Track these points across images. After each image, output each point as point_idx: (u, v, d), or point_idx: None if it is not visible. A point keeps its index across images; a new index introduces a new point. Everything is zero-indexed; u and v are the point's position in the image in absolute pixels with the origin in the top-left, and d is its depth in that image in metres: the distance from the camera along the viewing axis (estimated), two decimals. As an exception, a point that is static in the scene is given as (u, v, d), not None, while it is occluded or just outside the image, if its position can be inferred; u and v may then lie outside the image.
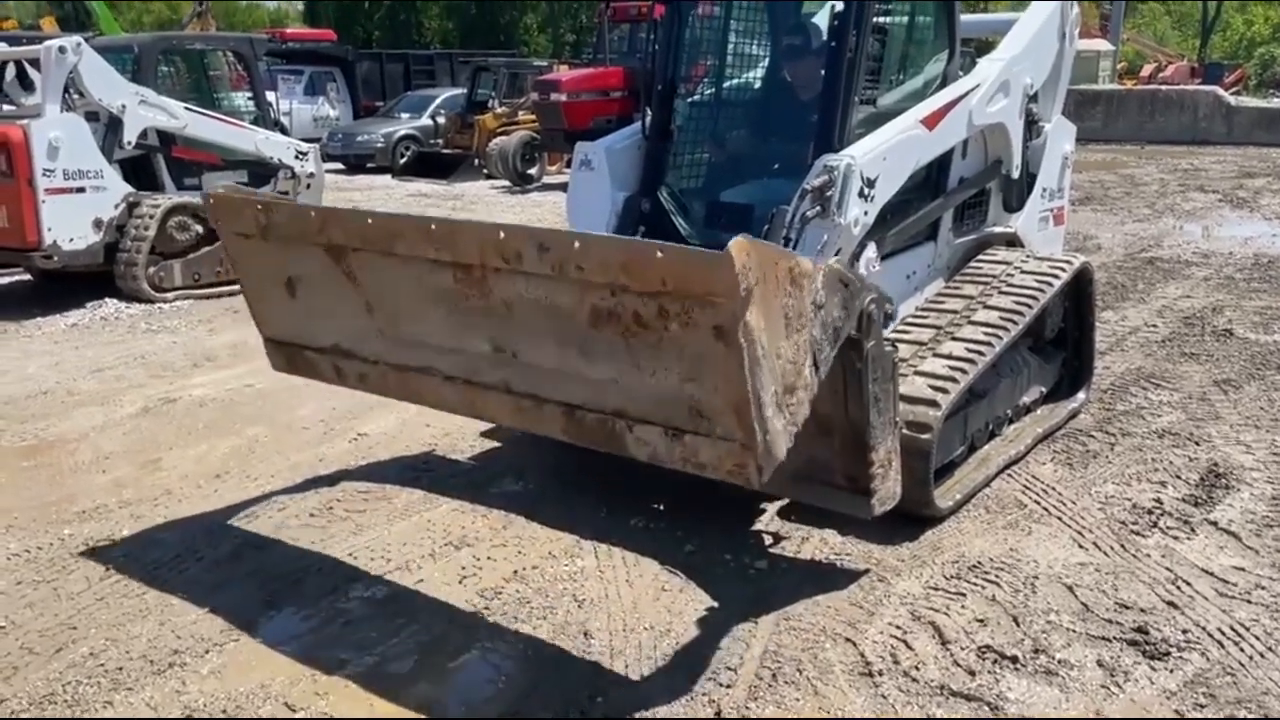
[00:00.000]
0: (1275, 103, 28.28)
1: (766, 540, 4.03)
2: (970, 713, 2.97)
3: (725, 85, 5.10)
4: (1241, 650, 3.23)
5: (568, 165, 9.67)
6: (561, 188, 9.02)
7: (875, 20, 4.42)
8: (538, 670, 3.19)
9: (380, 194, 16.26)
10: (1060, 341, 5.33)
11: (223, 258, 8.77)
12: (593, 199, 4.80)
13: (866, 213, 4.04)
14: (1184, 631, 3.33)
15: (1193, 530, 4.06)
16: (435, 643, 3.35)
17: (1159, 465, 4.70)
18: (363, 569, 3.82)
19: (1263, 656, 3.20)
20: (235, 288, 8.43)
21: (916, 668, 3.17)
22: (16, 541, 4.11)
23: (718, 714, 2.97)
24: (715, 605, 3.54)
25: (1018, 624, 3.39)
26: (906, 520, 3.95)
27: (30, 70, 8.70)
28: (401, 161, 18.98)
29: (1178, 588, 3.61)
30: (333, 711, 3.01)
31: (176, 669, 3.21)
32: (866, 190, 4.00)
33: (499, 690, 3.10)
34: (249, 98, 10.22)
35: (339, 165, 19.42)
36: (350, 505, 4.39)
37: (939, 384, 4.01)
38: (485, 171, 17.25)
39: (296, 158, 9.70)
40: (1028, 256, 5.15)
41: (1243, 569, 3.75)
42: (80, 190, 8.10)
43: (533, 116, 16.80)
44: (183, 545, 4.04)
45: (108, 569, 3.86)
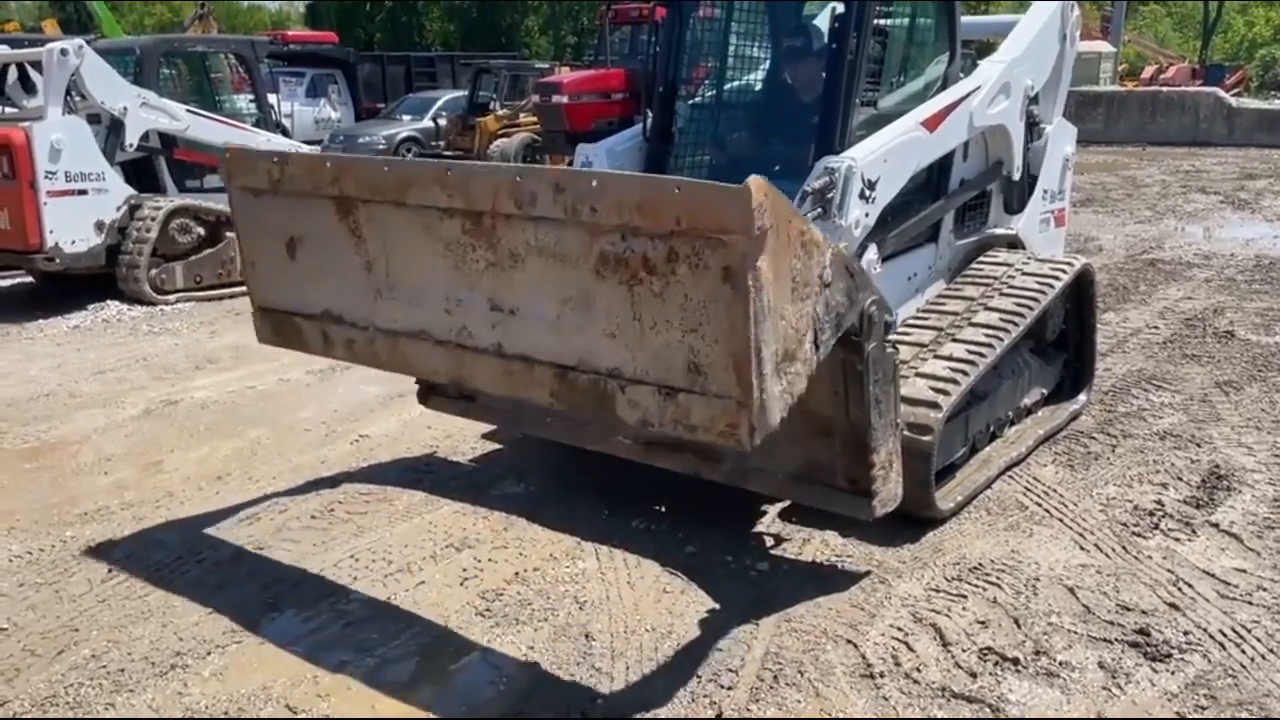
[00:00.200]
0: (1276, 104, 28.26)
1: (768, 542, 4.03)
2: (971, 714, 2.97)
3: (726, 87, 5.11)
4: (1243, 652, 3.23)
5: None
6: (563, 190, 9.06)
7: (876, 22, 4.43)
8: (539, 672, 3.19)
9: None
10: (1061, 343, 5.33)
11: (224, 260, 8.83)
12: None
13: (867, 214, 4.04)
14: (1185, 633, 3.33)
15: (1194, 532, 4.06)
16: (436, 644, 3.35)
17: (1160, 467, 4.70)
18: (364, 571, 3.83)
19: (1264, 658, 3.20)
20: (237, 290, 8.51)
21: (918, 669, 3.17)
22: (18, 543, 4.12)
23: (719, 715, 2.97)
24: (716, 607, 3.55)
25: (1019, 626, 3.39)
26: (908, 522, 3.95)
27: (32, 73, 8.72)
28: (402, 163, 18.98)
29: (1179, 589, 3.61)
30: (334, 713, 3.02)
31: (178, 671, 3.22)
32: (867, 192, 4.01)
33: (500, 692, 3.10)
34: (251, 100, 10.24)
35: (340, 167, 19.43)
36: (352, 507, 4.40)
37: (940, 386, 4.01)
38: (487, 173, 17.26)
39: (298, 160, 9.69)
40: (1029, 258, 5.15)
41: (1244, 571, 3.75)
42: (82, 192, 8.12)
43: (534, 119, 16.83)
44: (184, 547, 4.05)
45: (109, 571, 3.86)
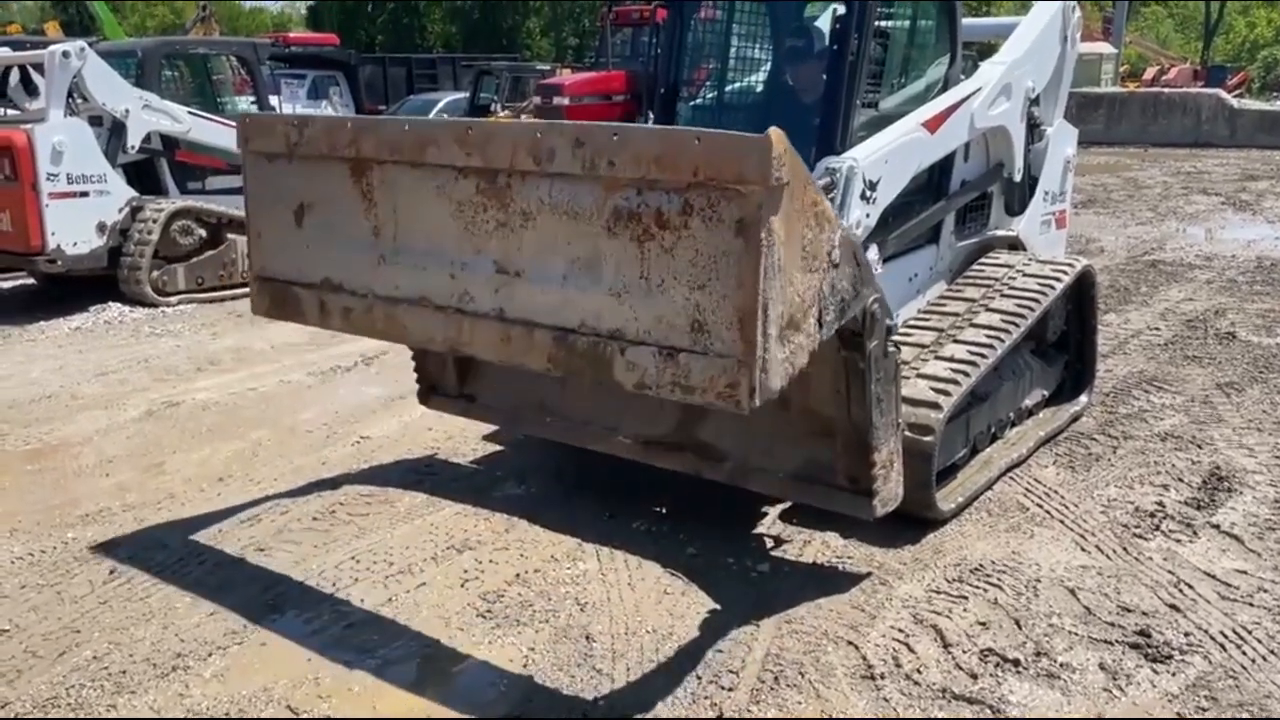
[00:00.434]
0: (1278, 105, 28.26)
1: (768, 543, 4.03)
2: (972, 715, 2.97)
3: (727, 88, 5.11)
4: (1244, 653, 3.23)
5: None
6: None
7: (877, 23, 4.43)
8: (540, 673, 3.19)
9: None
10: (1062, 344, 5.33)
11: (226, 262, 8.84)
12: None
13: (868, 215, 4.04)
14: (1186, 635, 3.33)
15: (1195, 533, 4.06)
16: (437, 646, 3.36)
17: (1161, 468, 4.70)
18: (365, 572, 3.83)
19: (1265, 659, 3.20)
20: (238, 291, 8.52)
21: (918, 670, 3.17)
22: (20, 545, 4.12)
23: (720, 716, 2.97)
24: (717, 608, 3.55)
25: (1020, 627, 3.39)
26: (908, 523, 3.96)
27: (34, 75, 8.74)
28: (404, 165, 18.97)
29: (1180, 591, 3.61)
30: (335, 714, 3.02)
31: (179, 672, 3.22)
32: (868, 193, 4.01)
33: (501, 693, 3.11)
34: (252, 102, 10.24)
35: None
36: (353, 509, 4.40)
37: (941, 387, 4.01)
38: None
39: (299, 161, 9.70)
40: (1030, 259, 5.15)
41: (1245, 572, 3.75)
42: (84, 194, 8.12)
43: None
44: (186, 548, 4.05)
45: (111, 572, 3.87)
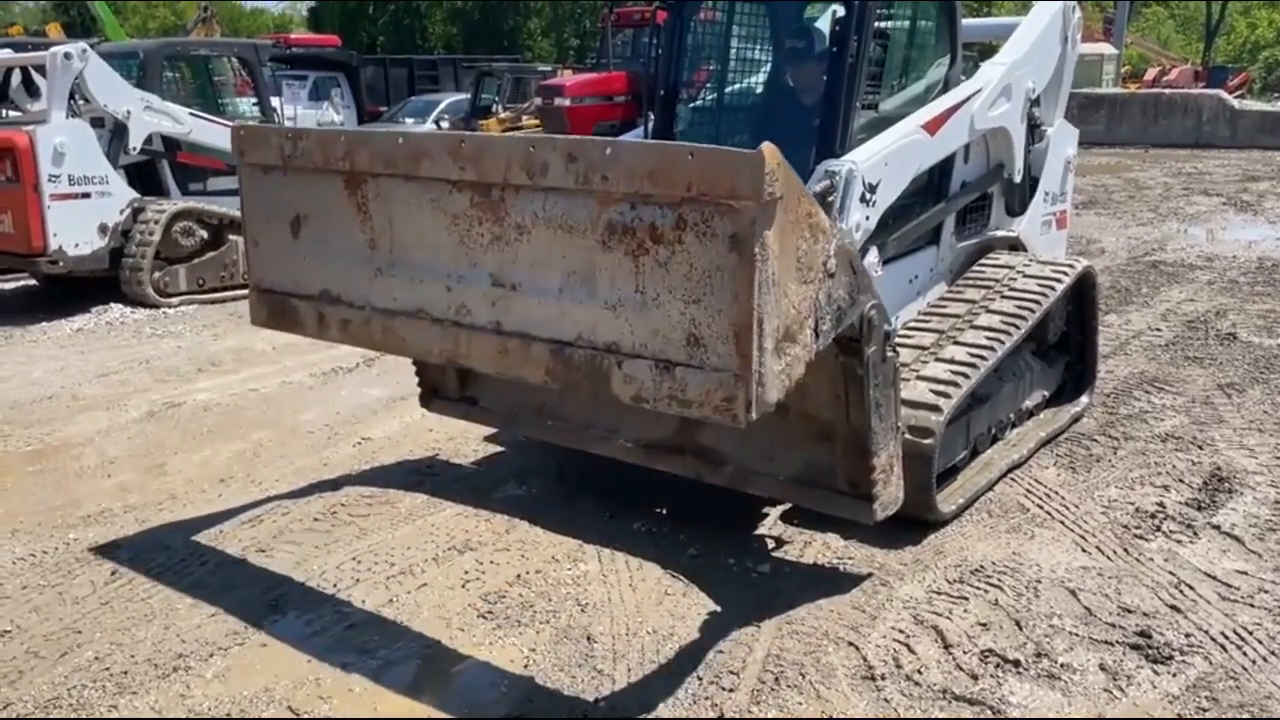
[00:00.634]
0: (1279, 106, 28.24)
1: (769, 544, 4.04)
2: (973, 716, 2.97)
3: (727, 90, 5.12)
4: (1244, 654, 3.23)
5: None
6: (565, 192, 9.13)
7: (877, 25, 4.44)
8: (540, 674, 3.20)
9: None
10: (1063, 345, 5.33)
11: (227, 263, 8.85)
12: None
13: (868, 217, 4.05)
14: (1187, 635, 3.33)
15: (1196, 534, 4.06)
16: (438, 646, 3.36)
17: (1162, 469, 4.70)
18: (366, 573, 3.84)
19: (1265, 660, 3.20)
20: (239, 292, 8.52)
21: (919, 671, 3.17)
22: (22, 546, 4.13)
23: (721, 717, 2.97)
24: (718, 609, 3.55)
25: (1020, 628, 3.40)
26: (909, 524, 3.96)
27: (36, 76, 8.76)
28: (405, 166, 18.97)
29: (1180, 592, 3.61)
30: (336, 714, 3.02)
31: (181, 673, 3.22)
32: (868, 195, 4.01)
33: (502, 694, 3.11)
34: (254, 103, 10.26)
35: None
36: (354, 510, 4.41)
37: (941, 389, 4.01)
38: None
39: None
40: (1030, 260, 5.15)
41: (1246, 573, 3.75)
42: (85, 196, 8.14)
43: (536, 121, 16.85)
44: (187, 549, 4.06)
45: (113, 573, 3.87)
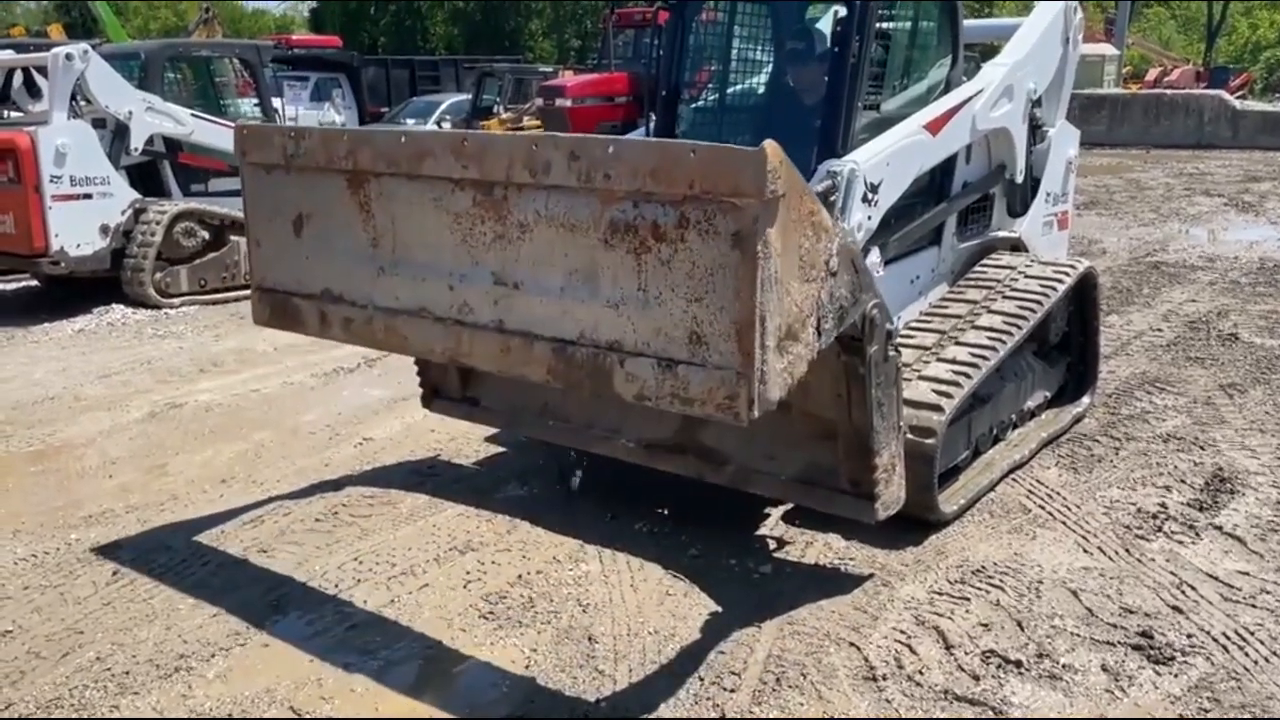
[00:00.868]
0: (1280, 106, 28.22)
1: (770, 545, 4.04)
2: (974, 717, 2.97)
3: (729, 90, 5.12)
4: (1246, 655, 3.23)
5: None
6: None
7: (878, 25, 4.43)
8: (541, 674, 3.20)
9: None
10: (1065, 346, 5.33)
11: (228, 264, 8.85)
12: None
13: (870, 218, 4.05)
14: (1188, 636, 3.33)
15: (1197, 535, 4.05)
16: (439, 647, 3.36)
17: (1164, 470, 4.70)
18: (368, 573, 3.84)
19: (1267, 661, 3.20)
20: (241, 293, 8.53)
21: (920, 672, 3.17)
22: (24, 546, 4.13)
23: (722, 717, 2.97)
24: (719, 609, 3.55)
25: (1022, 628, 3.40)
26: (910, 525, 3.95)
27: (38, 77, 8.76)
28: (407, 167, 18.98)
29: (1182, 592, 3.61)
30: (338, 715, 3.02)
31: (182, 673, 3.22)
32: (870, 195, 4.01)
33: (503, 694, 3.11)
34: (255, 104, 10.27)
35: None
36: (355, 510, 4.41)
37: (943, 389, 4.01)
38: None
39: (302, 163, 9.72)
40: (1032, 261, 5.15)
41: (1247, 573, 3.74)
42: (87, 196, 8.14)
43: (538, 122, 16.83)
44: (189, 550, 4.06)
45: (114, 573, 3.87)
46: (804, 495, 3.74)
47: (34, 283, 9.36)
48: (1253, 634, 3.34)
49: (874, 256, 4.19)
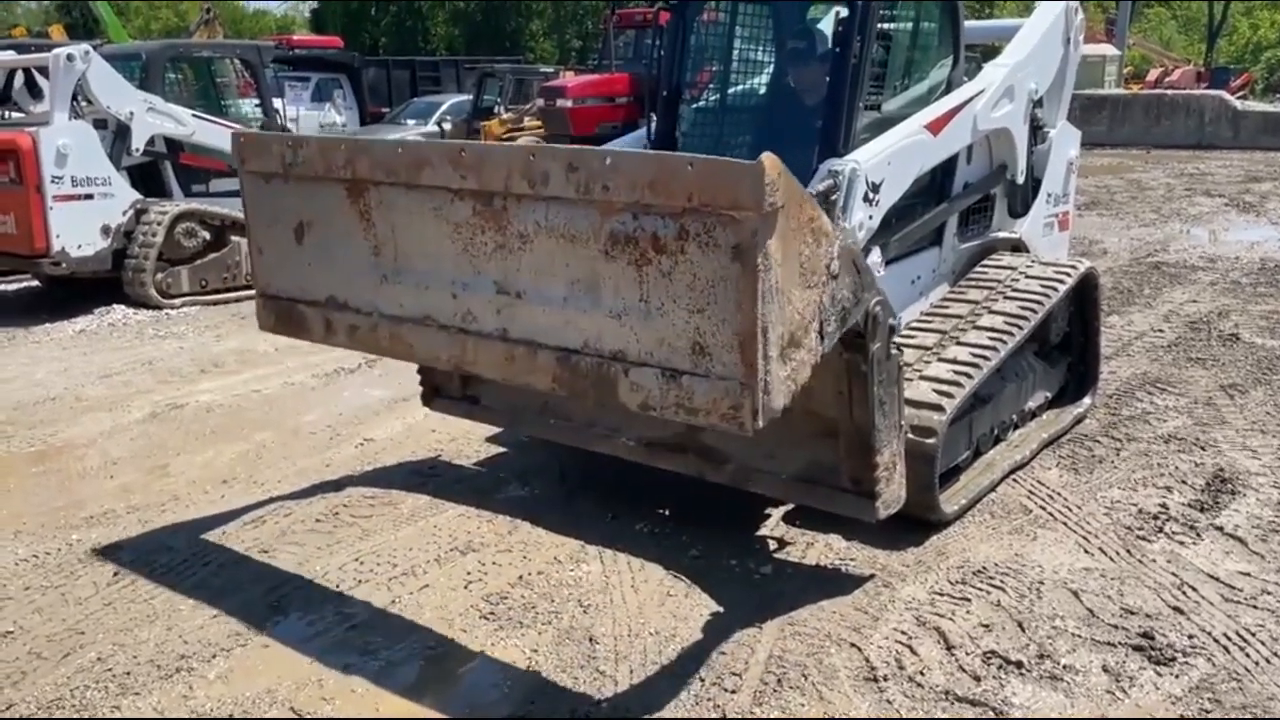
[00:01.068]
0: (1282, 107, 28.20)
1: (771, 545, 4.03)
2: (975, 717, 2.97)
3: (730, 90, 5.12)
4: (1247, 656, 3.23)
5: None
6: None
7: (880, 25, 4.43)
8: (542, 675, 3.20)
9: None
10: (1066, 346, 5.32)
11: (229, 264, 8.86)
12: None
13: (871, 217, 4.05)
14: (1190, 637, 3.33)
15: (1199, 535, 4.05)
16: (440, 647, 3.36)
17: (1165, 470, 4.69)
18: (368, 574, 3.84)
19: (1268, 662, 3.20)
20: (242, 294, 8.53)
21: (921, 673, 3.17)
22: (25, 547, 4.13)
23: (723, 718, 2.97)
24: (720, 610, 3.55)
25: (1023, 629, 3.39)
26: (911, 525, 3.95)
27: (39, 78, 8.77)
28: (408, 168, 19.00)
29: (1183, 593, 3.61)
30: (338, 715, 3.02)
31: (184, 674, 3.23)
32: (871, 195, 4.01)
33: (504, 695, 3.11)
34: (256, 104, 10.28)
35: (345, 171, 19.47)
36: (356, 510, 4.41)
37: (944, 389, 4.01)
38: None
39: (303, 164, 9.73)
40: (1032, 261, 5.15)
41: (1249, 574, 3.74)
42: (88, 197, 8.15)
43: (538, 122, 16.84)
44: (190, 550, 4.06)
45: (115, 574, 3.88)
46: (805, 494, 3.74)
47: (35, 283, 9.37)
48: (1254, 635, 3.34)
49: (875, 256, 4.19)
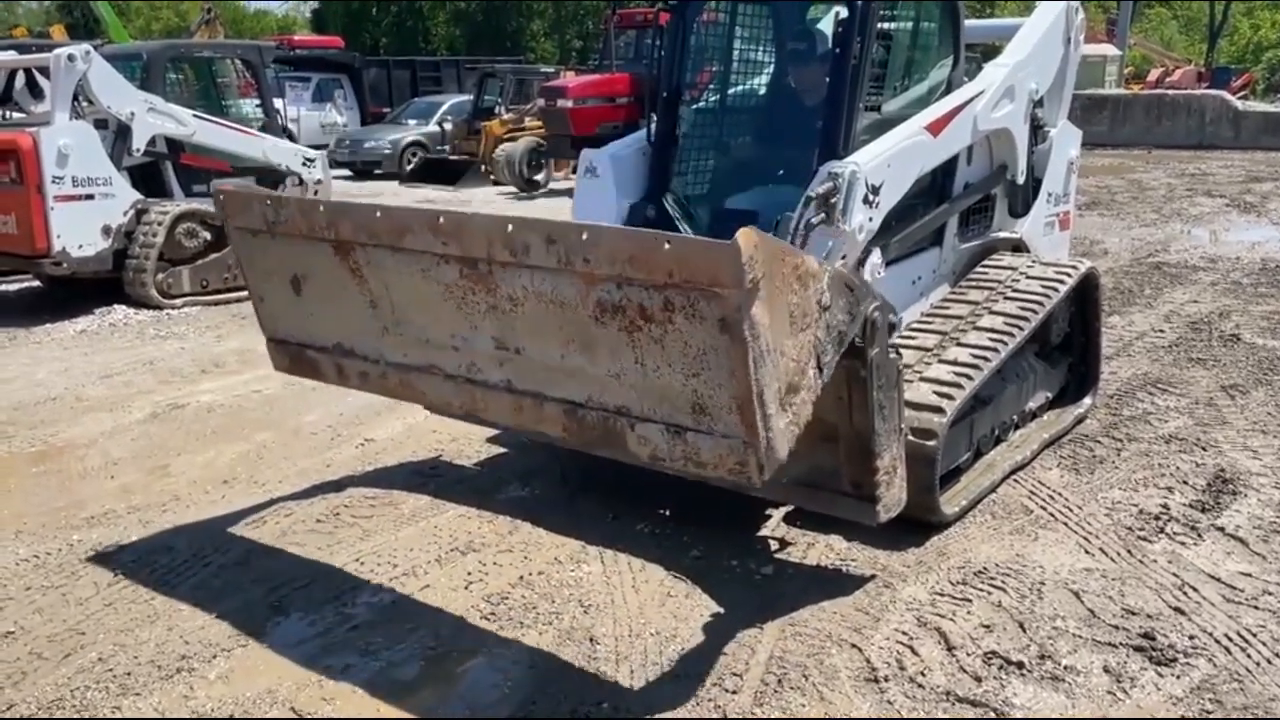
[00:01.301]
0: (1282, 107, 28.18)
1: (772, 546, 4.03)
2: (976, 718, 2.97)
3: (730, 91, 5.11)
4: (1248, 656, 3.23)
5: (574, 171, 9.68)
6: (568, 194, 9.15)
7: (880, 26, 4.43)
8: (543, 675, 3.20)
9: (387, 200, 16.25)
10: (1066, 347, 5.32)
11: (230, 264, 8.84)
12: (598, 206, 4.81)
13: (871, 219, 4.04)
14: (1190, 637, 3.33)
15: (1199, 536, 4.05)
16: (441, 648, 3.36)
17: (1166, 471, 4.69)
18: (369, 574, 3.84)
19: (1269, 662, 3.20)
20: (243, 294, 8.50)
21: (922, 674, 3.17)
22: (26, 547, 4.13)
23: (723, 718, 2.97)
24: (721, 611, 3.55)
25: (1024, 630, 3.39)
26: (912, 526, 3.95)
27: (40, 78, 8.78)
28: (408, 168, 19.04)
29: (1184, 594, 3.61)
30: (339, 715, 3.02)
31: (184, 674, 3.23)
32: (871, 197, 4.01)
33: (504, 695, 3.11)
34: (257, 105, 10.28)
35: (346, 171, 19.50)
36: (357, 511, 4.41)
37: (944, 390, 4.01)
38: (492, 178, 17.29)
39: (304, 164, 9.76)
40: (1033, 262, 5.15)
41: (1250, 575, 3.74)
42: (89, 197, 8.15)
43: (539, 123, 16.83)
44: (190, 551, 4.06)
45: (116, 575, 3.88)
46: (806, 498, 3.74)
47: (36, 283, 9.37)
48: (1255, 635, 3.34)
49: (875, 257, 4.19)
